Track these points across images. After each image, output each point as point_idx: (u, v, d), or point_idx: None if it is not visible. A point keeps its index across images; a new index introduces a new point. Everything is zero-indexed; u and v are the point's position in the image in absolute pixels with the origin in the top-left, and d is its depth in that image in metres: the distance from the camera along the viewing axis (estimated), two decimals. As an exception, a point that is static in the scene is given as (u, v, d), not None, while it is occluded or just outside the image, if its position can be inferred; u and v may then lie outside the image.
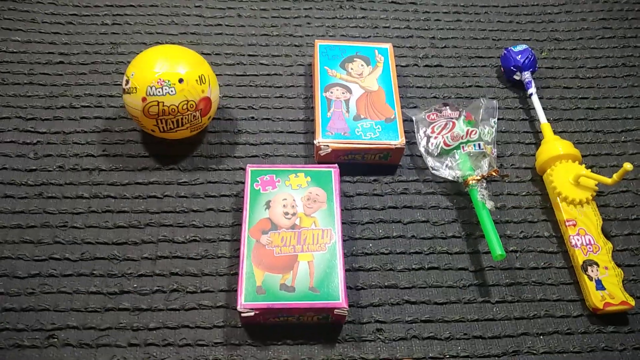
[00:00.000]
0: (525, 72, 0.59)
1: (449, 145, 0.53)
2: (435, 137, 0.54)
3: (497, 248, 0.47)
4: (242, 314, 0.42)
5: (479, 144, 0.53)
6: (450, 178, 0.52)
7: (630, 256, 0.51)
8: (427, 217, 0.52)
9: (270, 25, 0.65)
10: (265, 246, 0.45)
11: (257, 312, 0.42)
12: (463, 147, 0.53)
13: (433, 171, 0.53)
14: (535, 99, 0.58)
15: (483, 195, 0.50)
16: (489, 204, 0.50)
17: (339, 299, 0.42)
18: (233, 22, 0.65)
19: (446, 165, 0.53)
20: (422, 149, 0.54)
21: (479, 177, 0.51)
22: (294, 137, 0.56)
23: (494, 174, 0.51)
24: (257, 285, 0.43)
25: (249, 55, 0.63)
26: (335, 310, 0.42)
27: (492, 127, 0.55)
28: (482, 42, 0.66)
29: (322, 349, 0.44)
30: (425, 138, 0.54)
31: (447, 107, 0.56)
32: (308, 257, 0.44)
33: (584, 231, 0.50)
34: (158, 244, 0.49)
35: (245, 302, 0.42)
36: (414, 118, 0.56)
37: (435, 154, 0.53)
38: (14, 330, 0.44)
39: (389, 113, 0.54)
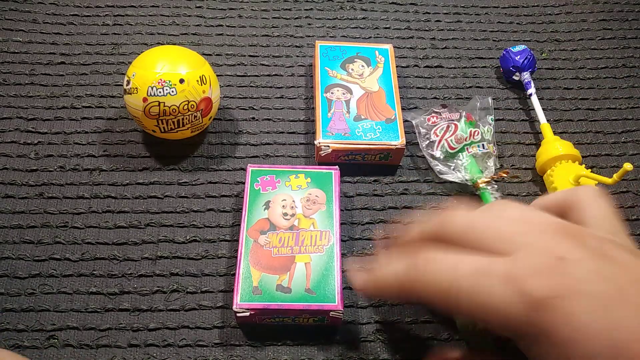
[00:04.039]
0: (525, 73, 0.59)
1: (453, 148, 0.53)
2: (439, 141, 0.54)
3: None
4: (237, 314, 0.42)
5: (483, 144, 0.53)
6: (459, 181, 0.52)
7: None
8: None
9: (271, 26, 0.66)
10: (263, 247, 0.45)
11: (252, 312, 0.42)
12: (467, 148, 0.53)
13: (441, 175, 0.53)
14: (535, 100, 0.58)
15: (496, 197, 0.50)
16: None
17: (335, 302, 0.42)
18: (234, 23, 0.65)
19: (454, 169, 0.53)
20: (426, 154, 0.54)
21: (488, 179, 0.51)
22: (295, 138, 0.56)
23: (504, 175, 0.51)
24: (253, 285, 0.43)
25: (250, 55, 0.63)
26: (331, 312, 0.42)
27: (490, 125, 0.55)
28: (483, 43, 0.66)
29: (321, 350, 0.44)
30: (429, 142, 0.54)
31: (446, 109, 0.56)
32: (305, 259, 0.44)
33: (584, 232, 0.50)
34: (158, 244, 0.49)
35: (241, 302, 0.42)
36: (413, 122, 0.56)
37: (441, 158, 0.53)
38: (14, 331, 0.44)
39: (389, 113, 0.54)
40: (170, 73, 0.47)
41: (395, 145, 0.52)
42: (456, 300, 0.28)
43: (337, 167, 0.50)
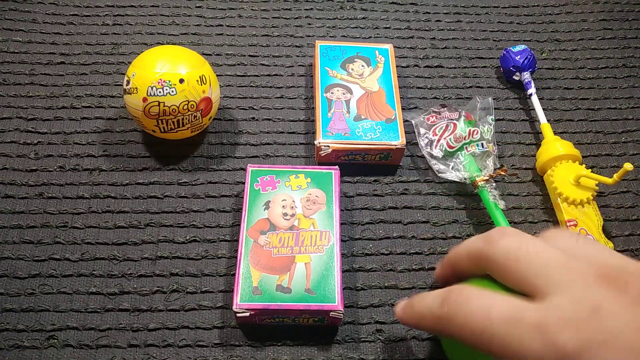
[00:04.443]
0: (525, 73, 0.59)
1: (452, 147, 0.53)
2: (438, 140, 0.54)
3: None
4: (237, 314, 0.42)
5: (482, 144, 0.53)
6: (457, 180, 0.52)
7: (630, 257, 0.51)
8: (427, 217, 0.52)
9: (270, 26, 0.66)
10: (263, 247, 0.45)
11: (252, 312, 0.42)
12: (466, 147, 0.53)
13: (440, 174, 0.53)
14: (535, 100, 0.58)
15: (495, 195, 0.50)
16: (501, 204, 0.50)
17: (335, 302, 0.42)
18: (234, 23, 0.65)
19: (452, 168, 0.53)
20: (425, 153, 0.54)
21: (487, 177, 0.51)
22: (295, 138, 0.56)
23: (502, 173, 0.51)
24: (253, 285, 0.43)
25: (250, 55, 0.63)
26: (331, 312, 0.42)
27: (491, 125, 0.55)
28: (483, 43, 0.66)
29: (321, 350, 0.44)
30: (428, 141, 0.54)
31: (445, 109, 0.56)
32: (305, 259, 0.44)
33: (585, 231, 0.50)
34: (158, 245, 0.49)
35: (240, 302, 0.42)
36: (413, 122, 0.56)
37: (440, 156, 0.53)
38: (14, 331, 0.44)
39: (389, 113, 0.54)
40: (170, 73, 0.47)
41: (396, 145, 0.52)
42: (488, 344, 0.28)
43: (337, 167, 0.50)
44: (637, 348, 0.24)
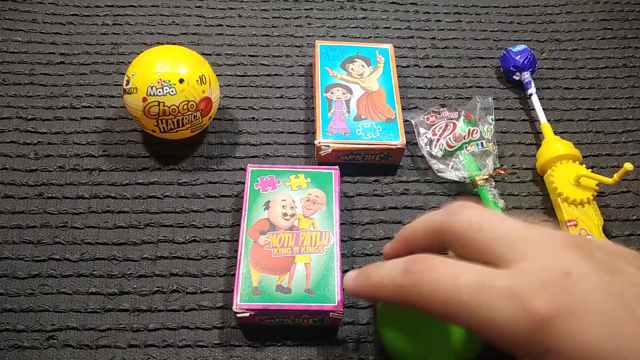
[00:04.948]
0: (525, 73, 0.59)
1: (452, 147, 0.53)
2: (438, 140, 0.54)
3: None
4: (237, 315, 0.42)
5: (482, 143, 0.53)
6: (457, 179, 0.52)
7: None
8: (427, 217, 0.52)
9: (270, 26, 0.66)
10: (263, 247, 0.45)
11: (252, 312, 0.42)
12: (466, 147, 0.53)
13: (439, 174, 0.53)
14: (535, 99, 0.58)
15: (494, 194, 0.50)
16: (501, 203, 0.50)
17: (335, 302, 0.42)
18: (234, 23, 0.65)
19: (452, 167, 0.53)
20: (425, 153, 0.54)
21: (486, 177, 0.51)
22: (295, 138, 0.56)
23: (502, 172, 0.51)
24: (253, 285, 0.43)
25: (250, 55, 0.63)
26: (331, 313, 0.42)
27: (491, 124, 0.55)
28: (483, 43, 0.66)
29: (321, 350, 0.44)
30: (427, 141, 0.54)
31: (445, 108, 0.56)
32: (305, 259, 0.44)
33: (585, 231, 0.50)
34: (158, 245, 0.49)
35: (240, 303, 0.42)
36: (412, 122, 0.56)
37: (440, 156, 0.53)
38: (14, 331, 0.44)
39: (389, 113, 0.54)
40: (169, 73, 0.47)
41: (396, 145, 0.52)
42: (456, 312, 0.27)
43: (337, 167, 0.50)
44: (609, 312, 0.24)
